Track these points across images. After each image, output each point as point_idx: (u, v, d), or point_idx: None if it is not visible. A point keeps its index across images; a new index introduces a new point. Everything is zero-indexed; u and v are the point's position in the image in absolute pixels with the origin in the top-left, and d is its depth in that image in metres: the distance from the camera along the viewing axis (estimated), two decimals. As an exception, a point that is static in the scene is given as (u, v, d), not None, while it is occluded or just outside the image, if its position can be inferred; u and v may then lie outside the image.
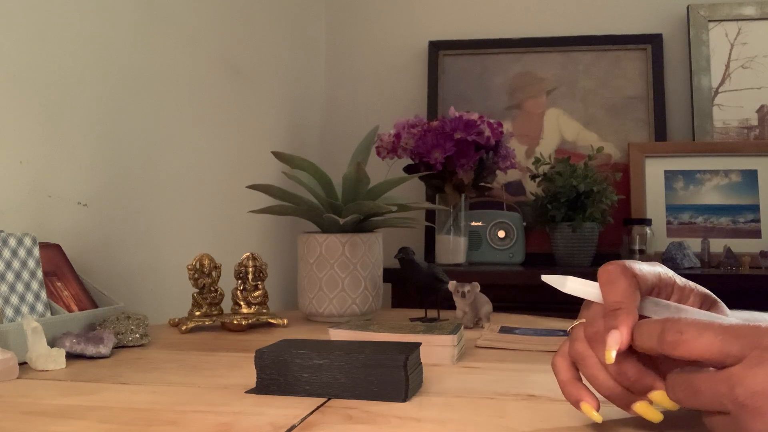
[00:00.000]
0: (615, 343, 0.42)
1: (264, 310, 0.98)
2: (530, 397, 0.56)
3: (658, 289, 0.47)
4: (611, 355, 0.42)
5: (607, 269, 0.45)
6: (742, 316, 0.53)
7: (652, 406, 0.44)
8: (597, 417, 0.44)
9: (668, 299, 0.47)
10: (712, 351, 0.38)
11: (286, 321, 0.98)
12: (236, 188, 1.25)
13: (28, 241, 0.78)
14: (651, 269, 0.47)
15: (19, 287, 0.75)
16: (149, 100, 1.18)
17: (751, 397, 0.36)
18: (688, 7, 1.84)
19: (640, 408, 0.44)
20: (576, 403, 0.45)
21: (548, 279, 0.48)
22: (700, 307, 0.48)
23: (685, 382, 0.40)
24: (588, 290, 0.46)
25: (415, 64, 1.99)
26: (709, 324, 0.39)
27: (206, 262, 0.97)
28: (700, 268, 1.61)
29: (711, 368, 0.39)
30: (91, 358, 0.73)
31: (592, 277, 0.47)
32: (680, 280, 0.48)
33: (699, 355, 0.39)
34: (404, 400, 0.53)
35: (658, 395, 0.43)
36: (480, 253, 1.76)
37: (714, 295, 0.49)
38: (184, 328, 0.92)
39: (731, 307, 0.51)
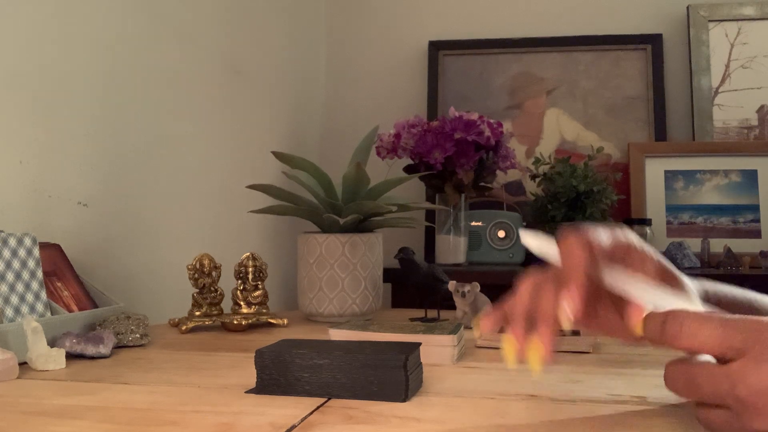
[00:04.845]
0: (570, 309, 0.44)
1: (264, 310, 0.98)
2: (530, 397, 0.56)
3: (612, 253, 0.49)
4: (568, 321, 0.44)
5: (566, 241, 0.48)
6: (707, 288, 0.56)
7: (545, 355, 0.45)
8: (512, 361, 0.46)
9: (624, 261, 0.49)
10: (713, 344, 0.39)
11: (286, 321, 0.98)
12: (236, 188, 1.25)
13: (28, 241, 0.77)
14: (608, 236, 0.49)
15: (19, 287, 0.75)
16: (149, 100, 1.18)
17: (753, 396, 0.36)
18: (688, 7, 1.84)
19: (531, 352, 0.46)
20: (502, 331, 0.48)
21: (526, 237, 0.51)
22: (658, 276, 0.50)
23: (686, 375, 0.40)
24: (550, 252, 0.49)
25: (415, 64, 1.99)
26: (709, 316, 0.40)
27: (206, 262, 0.97)
28: (700, 268, 1.61)
29: (712, 360, 0.40)
30: (91, 358, 0.73)
31: None
32: (638, 245, 0.50)
33: (699, 348, 0.39)
34: (404, 400, 0.53)
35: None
36: (480, 253, 1.76)
37: (677, 273, 0.51)
38: (184, 328, 0.92)
39: None
